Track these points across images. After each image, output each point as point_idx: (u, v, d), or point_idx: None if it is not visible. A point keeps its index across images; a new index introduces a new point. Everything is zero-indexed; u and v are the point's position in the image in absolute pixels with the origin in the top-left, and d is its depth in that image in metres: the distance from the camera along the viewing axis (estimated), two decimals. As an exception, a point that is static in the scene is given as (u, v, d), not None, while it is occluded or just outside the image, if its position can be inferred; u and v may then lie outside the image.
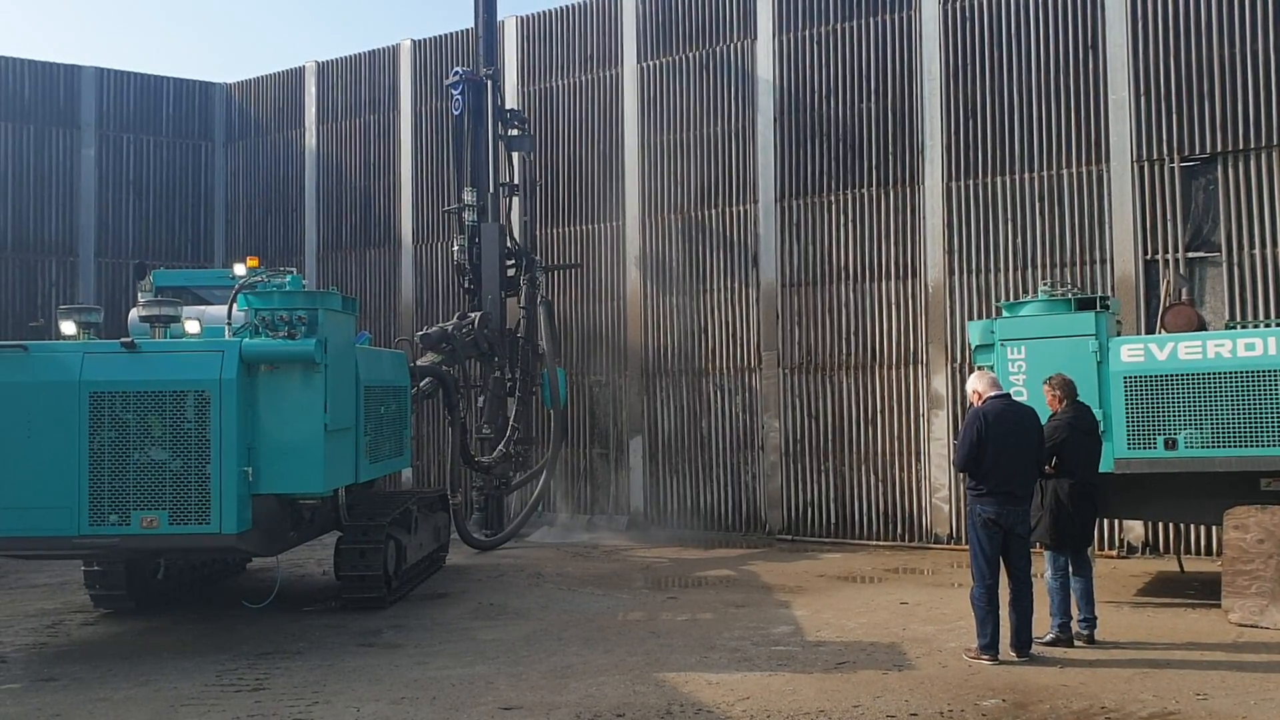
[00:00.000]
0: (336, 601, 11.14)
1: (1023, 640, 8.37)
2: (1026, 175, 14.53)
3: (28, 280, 20.39)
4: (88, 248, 20.91)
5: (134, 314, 12.05)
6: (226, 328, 10.12)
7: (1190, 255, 13.52)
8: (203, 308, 12.04)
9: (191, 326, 10.13)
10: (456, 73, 16.75)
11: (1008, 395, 8.80)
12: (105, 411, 9.15)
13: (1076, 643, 8.76)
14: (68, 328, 10.00)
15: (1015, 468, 8.38)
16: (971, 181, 14.86)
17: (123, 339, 9.66)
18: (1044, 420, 8.97)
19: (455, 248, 16.67)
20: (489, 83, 16.68)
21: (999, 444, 8.29)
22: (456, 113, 16.63)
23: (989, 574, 8.35)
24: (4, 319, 19.70)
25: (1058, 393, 9.07)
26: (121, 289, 20.28)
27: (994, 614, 8.29)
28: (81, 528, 9.06)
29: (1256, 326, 11.65)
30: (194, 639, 9.84)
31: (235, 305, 10.27)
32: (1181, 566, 12.03)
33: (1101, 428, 9.66)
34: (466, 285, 16.52)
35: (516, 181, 17.27)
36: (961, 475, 8.81)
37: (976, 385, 8.73)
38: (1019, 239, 14.53)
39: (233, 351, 9.36)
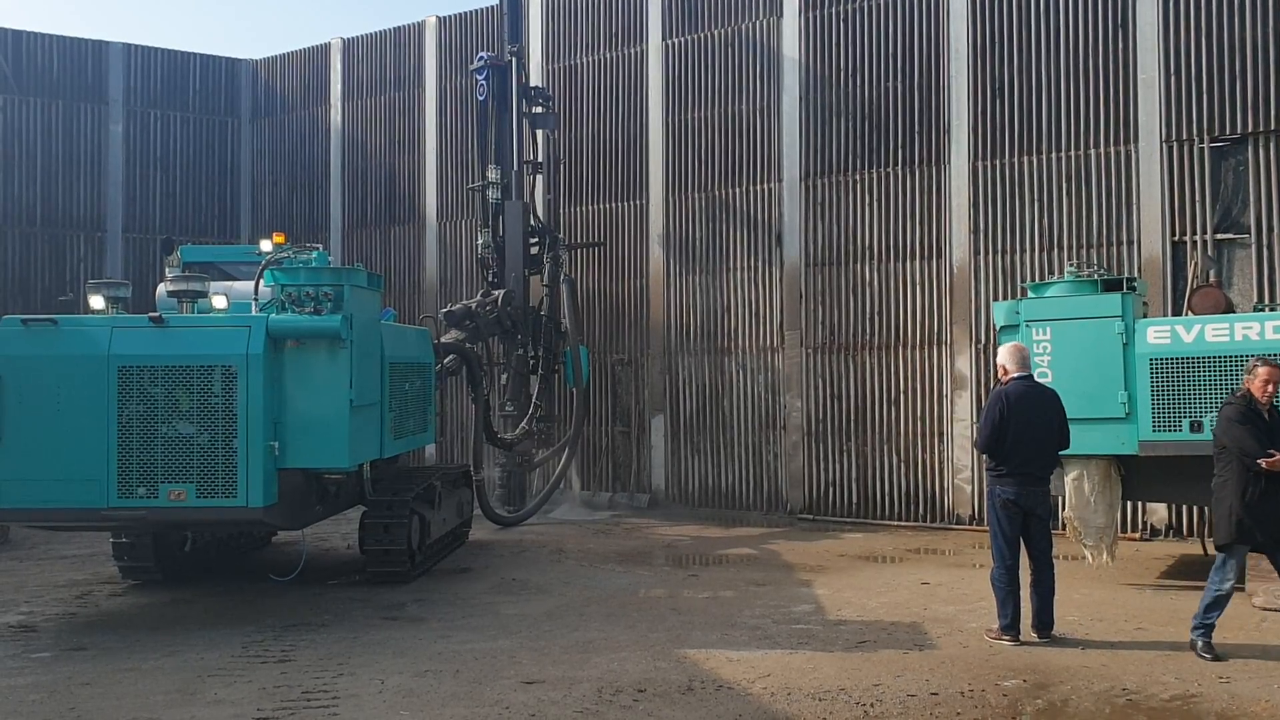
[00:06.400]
0: (361, 575, 11.26)
1: (1044, 621, 8.37)
2: (1053, 155, 14.40)
3: (56, 255, 20.59)
4: (115, 223, 21.09)
5: (161, 289, 12.14)
6: (253, 303, 10.19)
7: (1219, 237, 13.37)
8: (229, 283, 12.11)
9: (219, 302, 10.23)
10: (481, 58, 16.74)
11: (1030, 376, 8.74)
12: (133, 385, 9.21)
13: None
14: (96, 302, 10.13)
15: (1036, 449, 8.36)
16: (998, 161, 14.74)
17: (151, 314, 9.73)
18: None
19: (479, 241, 16.68)
20: (513, 60, 16.66)
21: (1020, 425, 8.28)
22: (481, 98, 16.64)
23: (1009, 555, 8.35)
24: (33, 293, 19.93)
25: None
26: (149, 264, 20.51)
27: (1015, 595, 8.29)
28: (110, 500, 9.14)
29: (1285, 309, 11.51)
30: (220, 611, 9.96)
31: (262, 281, 10.35)
32: (1205, 550, 11.94)
33: (1126, 410, 9.61)
34: (490, 279, 16.52)
35: (540, 159, 17.29)
36: (982, 456, 8.77)
37: (1005, 361, 8.65)
38: (1045, 219, 14.42)
39: (259, 327, 9.40)
